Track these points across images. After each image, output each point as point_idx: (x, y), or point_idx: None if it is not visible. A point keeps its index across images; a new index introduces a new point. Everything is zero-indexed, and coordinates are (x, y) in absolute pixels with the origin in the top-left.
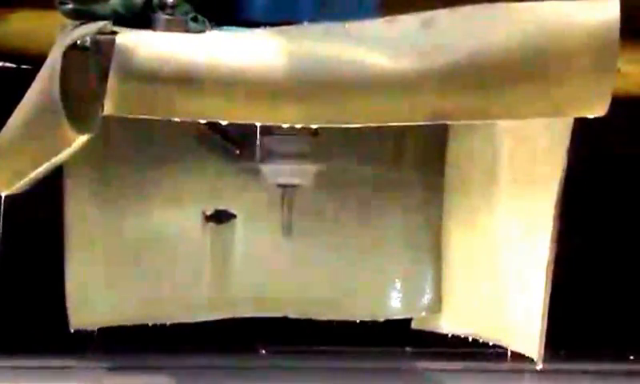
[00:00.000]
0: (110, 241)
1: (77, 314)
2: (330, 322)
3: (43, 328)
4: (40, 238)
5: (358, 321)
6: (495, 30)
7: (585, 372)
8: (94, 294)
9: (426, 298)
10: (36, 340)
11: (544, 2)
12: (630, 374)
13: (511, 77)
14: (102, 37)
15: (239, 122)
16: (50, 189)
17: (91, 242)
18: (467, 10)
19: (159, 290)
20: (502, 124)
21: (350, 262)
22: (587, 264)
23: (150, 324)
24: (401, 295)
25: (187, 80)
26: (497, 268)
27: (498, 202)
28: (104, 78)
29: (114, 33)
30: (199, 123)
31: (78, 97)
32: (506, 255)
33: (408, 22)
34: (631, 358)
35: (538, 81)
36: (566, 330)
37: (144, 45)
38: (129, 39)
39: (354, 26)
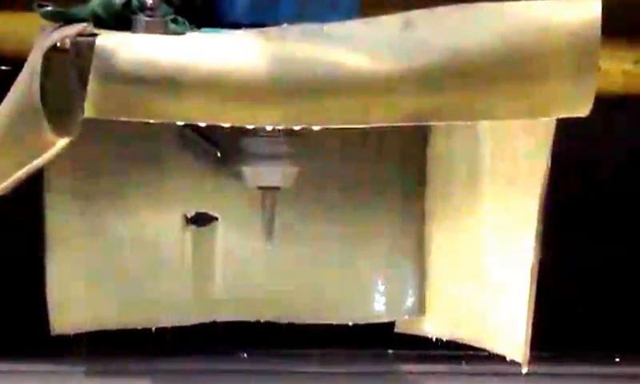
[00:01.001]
0: (90, 243)
1: (58, 317)
2: (312, 325)
3: (24, 332)
4: (19, 240)
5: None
6: (475, 30)
7: (571, 375)
8: (75, 298)
9: (409, 301)
10: (16, 344)
11: (524, 2)
12: (617, 376)
13: (491, 77)
14: (82, 39)
15: (220, 123)
16: (29, 190)
17: (71, 244)
18: (446, 10)
19: (141, 294)
20: (483, 124)
21: (332, 264)
22: (571, 265)
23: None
24: (383, 298)
25: (167, 82)
26: (480, 270)
27: (480, 204)
28: (84, 80)
29: (94, 35)
30: (180, 125)
31: (59, 99)
32: (489, 257)
33: (387, 23)
34: (617, 359)
35: (518, 81)
36: (551, 333)
37: (124, 47)
38: (108, 41)
39: (332, 27)
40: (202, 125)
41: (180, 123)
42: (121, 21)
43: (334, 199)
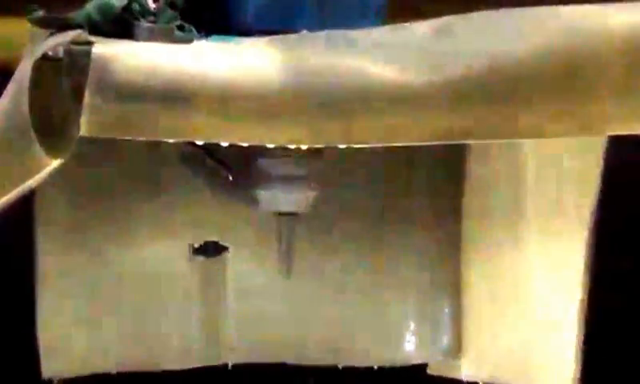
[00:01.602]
0: (86, 277)
1: (49, 360)
2: (334, 368)
3: (11, 376)
4: (7, 273)
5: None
6: (517, 37)
7: None
8: (68, 338)
9: (444, 340)
10: None
11: (571, 6)
12: None
13: (536, 90)
14: (77, 47)
15: (231, 142)
16: (16, 217)
17: (65, 278)
18: (485, 15)
19: (142, 334)
20: (526, 144)
21: (356, 300)
22: (623, 297)
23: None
24: (414, 337)
25: (173, 96)
26: (523, 304)
27: (523, 232)
28: (79, 94)
29: (90, 43)
30: (186, 144)
31: (50, 116)
32: (533, 291)
33: (419, 30)
34: None
35: (565, 94)
36: (601, 374)
37: (124, 56)
38: (106, 50)
39: (358, 35)
40: (212, 144)
41: (187, 142)
42: (120, 27)
43: (360, 227)
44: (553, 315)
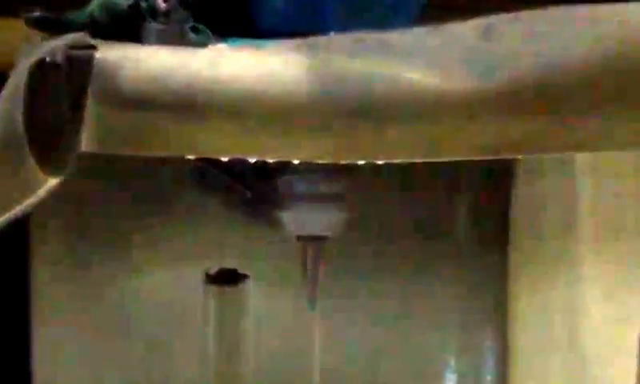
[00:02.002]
0: (87, 310)
1: None
2: None
3: None
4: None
5: None
6: (571, 39)
7: None
8: (68, 377)
9: (488, 380)
10: None
11: (633, 3)
12: None
13: (593, 98)
14: (78, 52)
15: (251, 157)
16: (10, 242)
17: (64, 311)
18: (535, 15)
19: (152, 371)
20: (581, 158)
21: (389, 334)
22: None
23: None
24: (455, 375)
25: (186, 106)
26: (576, 337)
27: (577, 257)
28: (80, 104)
29: (93, 47)
30: (201, 160)
31: (48, 129)
32: (587, 321)
33: (460, 31)
34: None
35: (628, 102)
36: None
37: (130, 62)
38: (112, 55)
39: (392, 37)
40: (229, 160)
41: (202, 158)
42: (127, 29)
43: (394, 252)
44: (609, 348)
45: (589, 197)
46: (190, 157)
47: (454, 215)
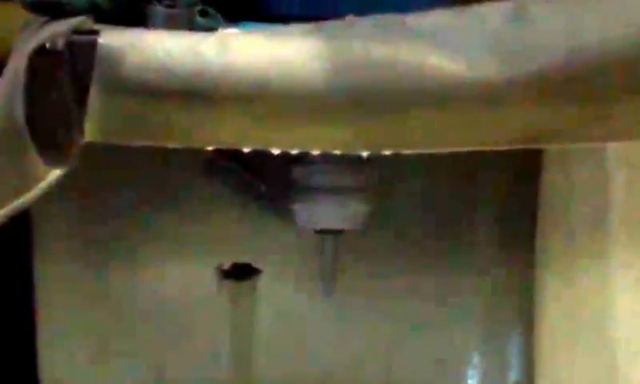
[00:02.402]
0: (94, 308)
1: None
2: None
3: None
4: (3, 302)
5: None
6: (606, 23)
7: None
8: (75, 377)
9: (513, 375)
10: None
11: None
12: None
13: (629, 85)
14: (80, 37)
15: (263, 148)
16: (15, 236)
17: (69, 309)
18: None
19: (163, 369)
20: (613, 148)
21: (410, 328)
22: None
23: None
24: (479, 372)
25: (194, 94)
26: (608, 334)
27: (607, 251)
28: (83, 93)
29: (95, 32)
30: (212, 151)
31: (49, 119)
32: (617, 318)
33: (487, 14)
34: None
35: None
36: None
37: (136, 48)
38: (116, 40)
39: (415, 20)
40: (242, 151)
41: (213, 149)
42: (132, 12)
43: (415, 245)
44: (636, 348)
45: (621, 188)
46: (200, 148)
47: (478, 208)
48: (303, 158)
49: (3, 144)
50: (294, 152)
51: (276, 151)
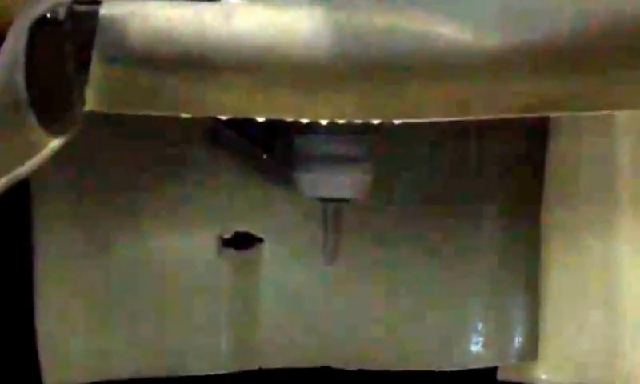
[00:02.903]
0: (94, 276)
1: (52, 369)
2: (389, 373)
3: None
4: (2, 274)
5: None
6: None
7: None
8: (74, 345)
9: (518, 341)
10: None
11: None
12: None
13: (637, 52)
14: (81, 7)
15: (267, 117)
16: (14, 208)
17: (69, 276)
18: None
19: (162, 338)
20: (621, 117)
21: (413, 295)
22: None
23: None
24: (483, 338)
25: (196, 64)
26: (612, 301)
27: (614, 220)
28: (84, 62)
29: (97, 2)
30: (213, 120)
31: (50, 88)
32: (624, 286)
33: None
34: None
35: None
36: None
37: (137, 16)
38: (117, 10)
39: None
40: (244, 119)
41: (213, 117)
42: None
43: (419, 214)
44: None
45: (628, 157)
46: (203, 117)
47: (483, 178)
48: (306, 127)
49: (3, 113)
50: (297, 121)
51: (278, 120)
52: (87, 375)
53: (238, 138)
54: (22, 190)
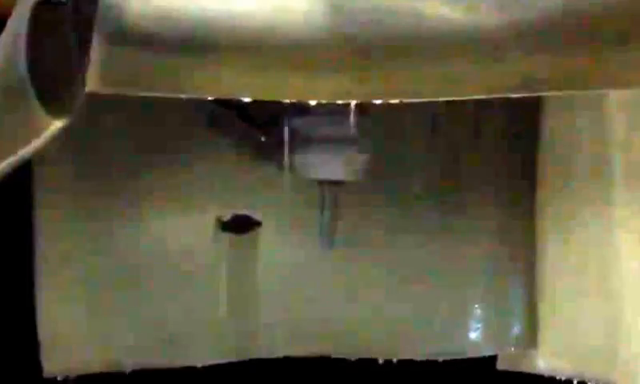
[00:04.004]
0: (94, 262)
1: (52, 357)
2: (389, 362)
3: (10, 375)
4: (3, 260)
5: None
6: None
7: None
8: (74, 333)
9: (516, 329)
10: None
11: None
12: None
13: (630, 32)
14: None
15: (265, 98)
16: (15, 193)
17: (70, 261)
18: None
19: (161, 326)
20: (614, 95)
21: (412, 282)
22: None
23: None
24: (481, 326)
25: (195, 45)
26: (610, 287)
27: (609, 199)
28: (85, 44)
29: None
30: (211, 101)
31: (52, 70)
32: (621, 270)
33: None
34: None
35: None
36: None
37: None
38: None
39: None
40: (241, 101)
41: (212, 99)
42: None
43: (417, 197)
44: None
45: (622, 134)
46: (201, 98)
47: (478, 157)
48: (303, 108)
49: (6, 94)
50: (294, 102)
51: (276, 102)
52: (88, 363)
53: (237, 121)
54: (23, 175)
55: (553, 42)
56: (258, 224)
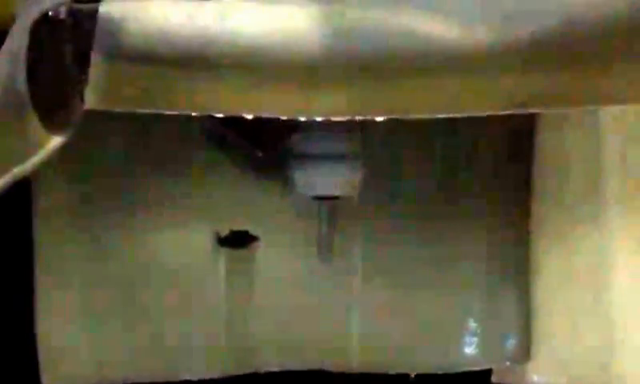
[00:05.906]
0: (93, 276)
1: (51, 370)
2: (383, 376)
3: None
4: (3, 273)
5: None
6: None
7: None
8: (73, 345)
9: (510, 343)
10: None
11: None
12: None
13: (620, 49)
14: (82, 6)
15: (262, 115)
16: (14, 208)
17: (69, 277)
18: None
19: (159, 339)
20: (608, 113)
21: (407, 294)
22: None
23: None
24: (476, 340)
25: (194, 62)
26: (605, 300)
27: (603, 217)
28: (84, 61)
29: (97, 0)
30: (209, 118)
31: (51, 87)
32: (616, 283)
33: None
34: None
35: None
36: None
37: (136, 15)
38: (116, 8)
39: None
40: (239, 118)
41: (210, 116)
42: None
43: (411, 212)
44: (637, 309)
45: (616, 152)
46: (199, 114)
47: (474, 173)
48: (300, 125)
49: (5, 111)
50: (292, 119)
51: (274, 118)
52: (87, 375)
53: (233, 135)
54: (22, 189)
55: (546, 60)
56: (256, 239)
